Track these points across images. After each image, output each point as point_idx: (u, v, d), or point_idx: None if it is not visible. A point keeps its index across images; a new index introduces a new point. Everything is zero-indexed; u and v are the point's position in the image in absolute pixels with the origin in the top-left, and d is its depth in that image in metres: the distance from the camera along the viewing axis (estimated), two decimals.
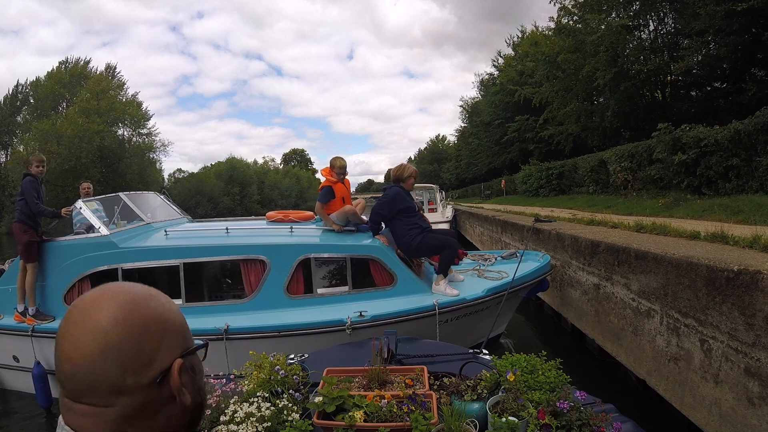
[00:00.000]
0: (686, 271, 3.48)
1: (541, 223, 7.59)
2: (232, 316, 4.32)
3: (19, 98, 41.63)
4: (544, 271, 5.28)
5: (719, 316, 3.12)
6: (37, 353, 4.59)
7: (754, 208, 5.97)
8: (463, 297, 4.51)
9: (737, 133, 7.48)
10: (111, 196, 5.49)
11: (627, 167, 11.43)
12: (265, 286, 4.55)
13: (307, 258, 4.63)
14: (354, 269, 4.68)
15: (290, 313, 4.38)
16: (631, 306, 4.39)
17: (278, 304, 4.50)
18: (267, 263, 4.57)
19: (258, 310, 4.46)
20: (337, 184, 5.11)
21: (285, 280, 4.54)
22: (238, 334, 4.14)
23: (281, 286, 4.54)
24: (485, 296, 4.60)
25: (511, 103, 26.34)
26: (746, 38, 10.82)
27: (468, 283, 4.98)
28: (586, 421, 1.45)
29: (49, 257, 4.76)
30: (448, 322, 4.45)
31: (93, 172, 34.87)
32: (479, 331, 4.76)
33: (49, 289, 4.78)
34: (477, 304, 4.58)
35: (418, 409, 1.55)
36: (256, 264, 4.62)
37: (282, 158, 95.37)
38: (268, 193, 62.58)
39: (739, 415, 2.93)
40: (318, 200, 5.13)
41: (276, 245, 4.74)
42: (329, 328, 4.14)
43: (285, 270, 4.56)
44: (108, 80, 41.21)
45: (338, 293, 4.64)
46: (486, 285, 4.78)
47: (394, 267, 4.66)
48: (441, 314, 4.28)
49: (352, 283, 4.66)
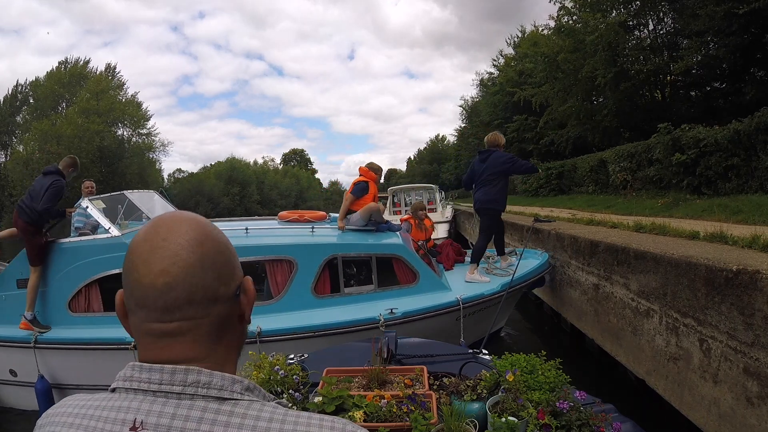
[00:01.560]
0: (685, 271, 3.49)
1: (540, 223, 7.60)
2: (260, 318, 4.17)
3: (19, 98, 41.57)
4: (544, 268, 5.59)
5: (718, 315, 3.13)
6: (41, 366, 4.24)
7: (754, 208, 5.98)
8: (482, 292, 4.80)
9: (737, 133, 7.48)
10: (115, 195, 5.28)
11: (626, 167, 11.44)
12: (293, 286, 4.50)
13: (334, 257, 4.64)
14: (379, 268, 4.77)
15: (319, 313, 4.35)
16: (630, 306, 4.39)
17: (306, 304, 4.47)
18: (294, 263, 4.53)
19: (286, 311, 4.40)
20: (373, 182, 5.34)
21: (312, 280, 4.52)
22: (272, 336, 4.07)
23: (309, 287, 4.52)
24: (501, 291, 4.86)
25: (511, 103, 26.32)
26: (746, 39, 10.82)
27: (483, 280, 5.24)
28: (585, 421, 1.45)
29: (52, 260, 4.42)
30: (467, 317, 4.65)
31: (93, 171, 34.81)
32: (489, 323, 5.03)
33: (51, 294, 4.42)
34: (494, 299, 4.85)
35: (417, 409, 1.55)
36: (282, 264, 4.57)
37: (281, 158, 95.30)
38: (268, 193, 62.53)
39: (738, 415, 2.94)
40: (352, 193, 5.22)
41: (304, 245, 4.71)
42: (363, 326, 4.17)
43: (312, 270, 4.54)
44: (108, 80, 41.16)
45: (365, 292, 4.70)
46: (499, 281, 5.04)
47: (416, 265, 4.83)
48: (464, 309, 4.52)
49: (378, 282, 4.73)
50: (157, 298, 0.55)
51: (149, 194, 6.17)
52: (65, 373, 4.33)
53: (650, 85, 15.46)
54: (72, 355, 4.23)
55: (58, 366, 4.31)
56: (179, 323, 0.55)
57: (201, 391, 0.53)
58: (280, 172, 76.64)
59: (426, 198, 18.60)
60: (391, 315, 4.20)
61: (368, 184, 5.28)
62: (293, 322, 4.20)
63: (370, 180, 5.35)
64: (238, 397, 0.54)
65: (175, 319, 0.55)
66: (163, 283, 0.54)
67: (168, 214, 0.60)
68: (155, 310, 0.55)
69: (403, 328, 4.19)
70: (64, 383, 4.34)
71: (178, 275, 0.55)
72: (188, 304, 0.55)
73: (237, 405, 0.53)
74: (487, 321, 4.87)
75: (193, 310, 0.55)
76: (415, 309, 4.38)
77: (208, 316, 0.56)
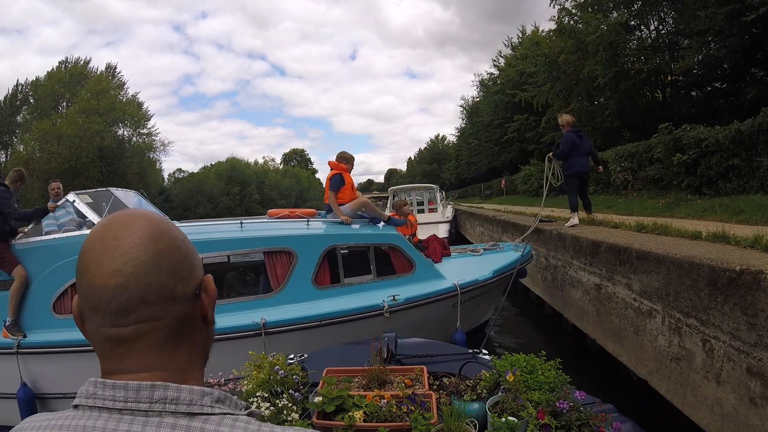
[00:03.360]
0: (688, 271, 3.49)
1: (542, 223, 7.60)
2: (262, 311, 4.17)
3: (19, 98, 41.58)
4: (527, 258, 5.85)
5: (721, 316, 3.12)
6: (24, 374, 3.94)
7: (755, 208, 5.97)
8: (476, 278, 4.91)
9: (738, 133, 7.48)
10: (101, 191, 5.04)
11: (627, 167, 11.44)
12: (293, 277, 4.45)
13: (334, 248, 4.62)
14: (377, 257, 4.81)
15: (321, 303, 4.34)
16: (632, 306, 4.39)
17: (307, 295, 4.44)
18: (294, 255, 4.48)
19: (288, 303, 4.35)
20: (346, 172, 5.29)
21: (313, 271, 4.49)
22: (277, 328, 4.05)
23: (309, 277, 4.48)
24: (493, 277, 5.07)
25: (511, 103, 26.35)
26: (746, 39, 10.82)
27: (473, 267, 5.41)
28: (585, 421, 1.45)
29: (34, 259, 4.10)
30: (463, 303, 4.74)
31: (93, 171, 34.89)
32: (480, 311, 5.24)
33: (34, 296, 4.10)
34: (487, 285, 5.04)
35: (417, 409, 1.55)
36: (282, 256, 4.51)
37: (282, 158, 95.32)
38: (268, 193, 62.59)
39: (741, 415, 2.94)
40: (330, 189, 5.18)
41: (303, 236, 4.68)
42: (368, 313, 4.19)
43: (312, 261, 4.50)
44: (108, 80, 41.18)
45: (364, 281, 4.72)
46: (491, 267, 5.18)
47: (413, 254, 4.90)
48: (461, 294, 4.63)
49: (376, 271, 4.77)
50: (110, 300, 0.51)
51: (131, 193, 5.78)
52: (50, 380, 4.03)
53: (651, 85, 15.46)
54: (57, 360, 3.95)
55: (42, 373, 4.02)
56: (135, 327, 0.52)
57: (169, 408, 0.50)
58: (280, 172, 76.65)
59: (427, 198, 18.57)
60: (394, 302, 4.25)
61: (342, 176, 5.22)
62: (297, 312, 4.16)
63: (342, 171, 5.27)
64: (209, 410, 0.52)
65: (131, 323, 0.52)
66: (115, 283, 0.51)
67: (122, 212, 0.57)
68: (109, 313, 0.52)
69: (404, 314, 4.27)
70: (48, 392, 4.06)
71: (131, 274, 0.51)
72: (143, 304, 0.52)
73: (208, 421, 0.50)
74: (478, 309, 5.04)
75: (149, 311, 0.52)
76: (417, 295, 4.44)
77: (165, 318, 0.53)
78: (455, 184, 51.39)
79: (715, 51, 11.75)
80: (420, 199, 18.57)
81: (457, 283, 4.63)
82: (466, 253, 6.45)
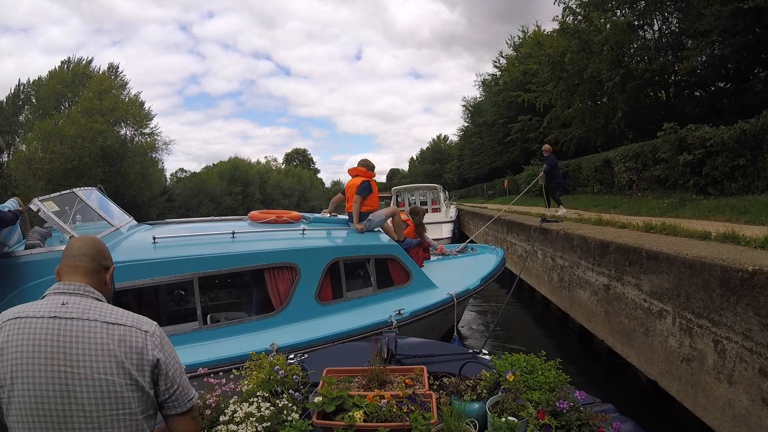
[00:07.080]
0: (700, 272, 3.49)
1: (547, 224, 7.61)
2: (269, 332, 3.87)
3: (21, 97, 41.64)
4: (503, 263, 6.03)
5: (733, 316, 3.13)
6: None
7: (761, 208, 5.98)
8: (468, 287, 4.96)
9: (743, 133, 7.48)
10: (66, 193, 4.37)
11: (632, 167, 11.43)
12: (297, 294, 4.19)
13: (336, 261, 4.44)
14: (376, 269, 4.75)
15: (327, 321, 4.13)
16: (642, 307, 4.39)
17: (311, 312, 4.20)
18: (297, 270, 4.22)
19: (293, 321, 4.10)
20: (373, 181, 5.38)
21: (316, 286, 4.28)
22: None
23: (312, 294, 4.27)
24: (481, 284, 5.20)
25: (514, 103, 26.30)
26: (750, 38, 10.80)
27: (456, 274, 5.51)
28: (585, 421, 1.45)
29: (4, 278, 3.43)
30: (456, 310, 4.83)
31: (95, 171, 34.88)
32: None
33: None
34: (478, 292, 5.20)
35: (417, 409, 1.55)
36: (284, 271, 4.23)
37: (284, 158, 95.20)
38: (270, 193, 62.57)
39: (753, 416, 2.94)
40: (358, 193, 5.13)
41: (306, 249, 4.41)
42: (377, 329, 3.93)
43: (316, 276, 4.29)
44: (110, 80, 41.17)
45: (365, 294, 4.62)
46: (478, 275, 5.29)
47: (409, 265, 4.90)
48: (457, 304, 4.67)
49: (376, 284, 4.71)
50: (96, 255, 1.35)
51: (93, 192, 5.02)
52: None
53: (655, 85, 15.43)
54: None
55: None
56: (104, 273, 1.36)
57: (90, 294, 1.26)
58: (282, 171, 76.63)
59: (430, 198, 18.56)
60: (400, 316, 4.17)
61: (370, 183, 5.27)
62: (307, 333, 3.86)
63: (369, 178, 5.33)
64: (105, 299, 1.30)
65: (101, 270, 1.35)
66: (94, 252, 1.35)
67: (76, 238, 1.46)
68: (92, 262, 1.33)
69: (414, 326, 4.23)
70: None
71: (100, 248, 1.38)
72: (105, 259, 1.37)
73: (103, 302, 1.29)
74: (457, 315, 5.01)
75: (107, 262, 1.37)
76: (421, 308, 4.40)
77: (107, 270, 1.37)
78: (457, 184, 51.32)
79: (719, 51, 11.72)
80: (423, 199, 18.58)
81: (454, 293, 4.63)
82: (439, 257, 6.60)
